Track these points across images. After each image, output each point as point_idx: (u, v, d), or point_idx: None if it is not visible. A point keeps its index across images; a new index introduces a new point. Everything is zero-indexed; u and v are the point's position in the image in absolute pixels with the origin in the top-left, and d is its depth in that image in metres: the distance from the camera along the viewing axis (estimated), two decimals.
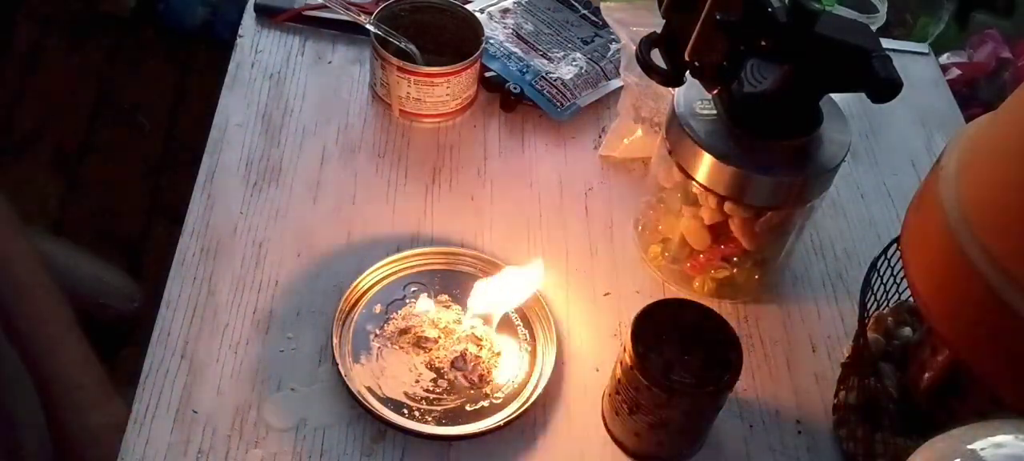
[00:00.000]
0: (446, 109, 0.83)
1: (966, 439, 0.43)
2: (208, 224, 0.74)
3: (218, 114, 0.82)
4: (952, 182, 0.53)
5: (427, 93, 0.81)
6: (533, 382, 0.67)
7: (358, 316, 0.69)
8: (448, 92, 0.81)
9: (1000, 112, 0.54)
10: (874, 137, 0.92)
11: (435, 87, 0.80)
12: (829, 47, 0.60)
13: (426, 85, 0.80)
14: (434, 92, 0.81)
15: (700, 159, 0.66)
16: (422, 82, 0.80)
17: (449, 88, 0.81)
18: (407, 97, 0.81)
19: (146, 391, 0.64)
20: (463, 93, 0.83)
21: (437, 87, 0.80)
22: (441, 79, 0.80)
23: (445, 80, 0.80)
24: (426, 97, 0.81)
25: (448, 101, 0.82)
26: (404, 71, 0.80)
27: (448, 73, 0.80)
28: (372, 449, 0.63)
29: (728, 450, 0.66)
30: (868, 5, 0.88)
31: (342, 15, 0.83)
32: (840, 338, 0.74)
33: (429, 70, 0.80)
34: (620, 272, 0.76)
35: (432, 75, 0.80)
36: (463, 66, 0.80)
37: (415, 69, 0.80)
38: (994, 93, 1.14)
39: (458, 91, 0.82)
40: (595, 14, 0.95)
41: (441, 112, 0.83)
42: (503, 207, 0.79)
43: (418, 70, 0.80)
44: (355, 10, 0.82)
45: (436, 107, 0.82)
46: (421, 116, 0.83)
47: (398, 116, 0.83)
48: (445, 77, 0.80)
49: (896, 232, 0.62)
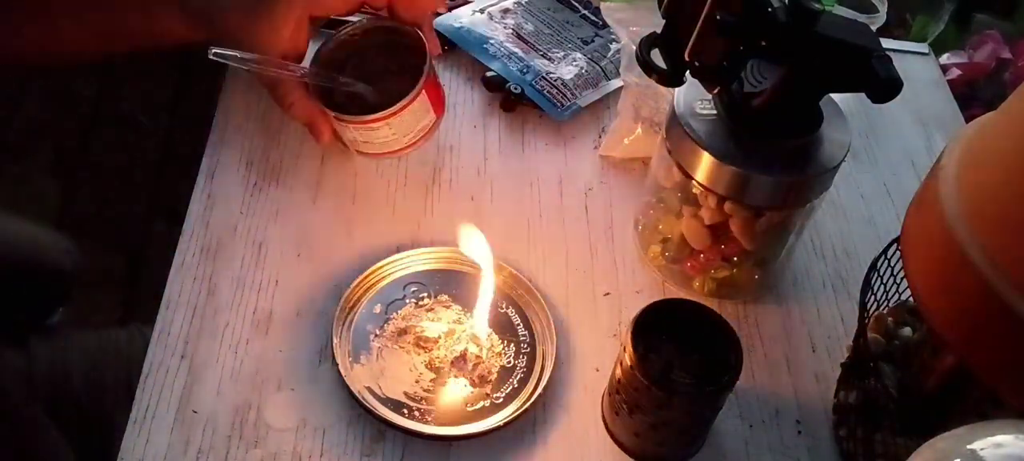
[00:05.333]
0: (399, 145, 0.74)
1: (966, 439, 0.43)
2: (208, 224, 0.74)
3: (218, 114, 0.82)
4: (952, 182, 0.53)
5: (371, 136, 0.73)
6: (533, 382, 0.67)
7: (358, 316, 0.69)
8: (393, 133, 0.73)
9: (1000, 112, 0.54)
10: (874, 137, 0.92)
11: (376, 131, 0.72)
12: (829, 47, 0.60)
13: (366, 130, 0.72)
14: (378, 135, 0.73)
15: (700, 159, 0.66)
16: (361, 128, 0.72)
17: (392, 129, 0.72)
18: (354, 141, 0.75)
19: (146, 391, 0.64)
20: (415, 127, 0.74)
21: (378, 130, 0.72)
22: (378, 123, 0.71)
23: (384, 123, 0.71)
24: (373, 139, 0.73)
25: (399, 138, 0.73)
26: (340, 120, 0.72)
27: (385, 116, 0.71)
28: (372, 449, 0.63)
29: (728, 450, 0.66)
30: (868, 5, 0.88)
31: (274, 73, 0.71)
32: (840, 338, 0.74)
33: (361, 119, 0.71)
34: (620, 272, 0.76)
35: (367, 122, 0.71)
36: (399, 107, 0.71)
37: (349, 118, 0.72)
38: (994, 93, 1.14)
39: (406, 128, 0.73)
40: (595, 14, 0.95)
41: (394, 149, 0.74)
42: (503, 207, 0.79)
43: (351, 119, 0.72)
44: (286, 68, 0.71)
45: (387, 146, 0.74)
46: (377, 155, 0.76)
47: (357, 155, 0.77)
48: (382, 121, 0.71)
49: (896, 232, 0.62)
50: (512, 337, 0.69)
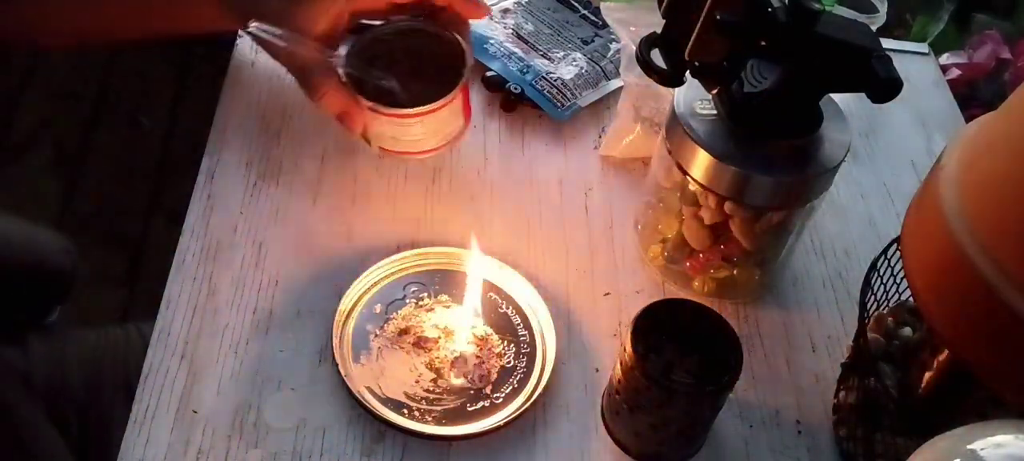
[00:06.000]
0: (426, 146, 0.75)
1: (966, 439, 0.43)
2: (208, 224, 0.74)
3: (218, 114, 0.82)
4: (952, 182, 0.53)
5: (402, 133, 0.73)
6: (533, 382, 0.67)
7: (358, 316, 0.69)
8: (423, 131, 0.73)
9: (1000, 112, 0.54)
10: (874, 137, 0.92)
11: (410, 127, 0.73)
12: (829, 47, 0.60)
13: (399, 125, 0.73)
14: (409, 132, 0.73)
15: (700, 159, 0.66)
16: (394, 122, 0.73)
17: (424, 127, 0.73)
18: (381, 135, 0.75)
19: (146, 391, 0.64)
20: (444, 129, 0.74)
21: (411, 127, 0.73)
22: (413, 119, 0.72)
23: (418, 120, 0.72)
24: (402, 136, 0.73)
25: (427, 138, 0.74)
26: (374, 111, 0.72)
27: (421, 113, 0.72)
28: (372, 449, 0.63)
29: (728, 450, 0.66)
30: (868, 5, 0.88)
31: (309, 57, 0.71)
32: (840, 338, 0.74)
33: (398, 111, 0.72)
34: (620, 272, 0.76)
35: (403, 116, 0.72)
36: (438, 105, 0.72)
37: (385, 110, 0.72)
38: (994, 93, 1.14)
39: (436, 128, 0.74)
40: (595, 14, 0.95)
41: (420, 149, 0.75)
42: (503, 207, 0.79)
43: (387, 111, 0.72)
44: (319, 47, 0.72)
45: (414, 145, 0.74)
46: (399, 154, 0.76)
47: (378, 153, 0.77)
48: (418, 117, 0.72)
49: (896, 232, 0.62)
50: (512, 337, 0.69)
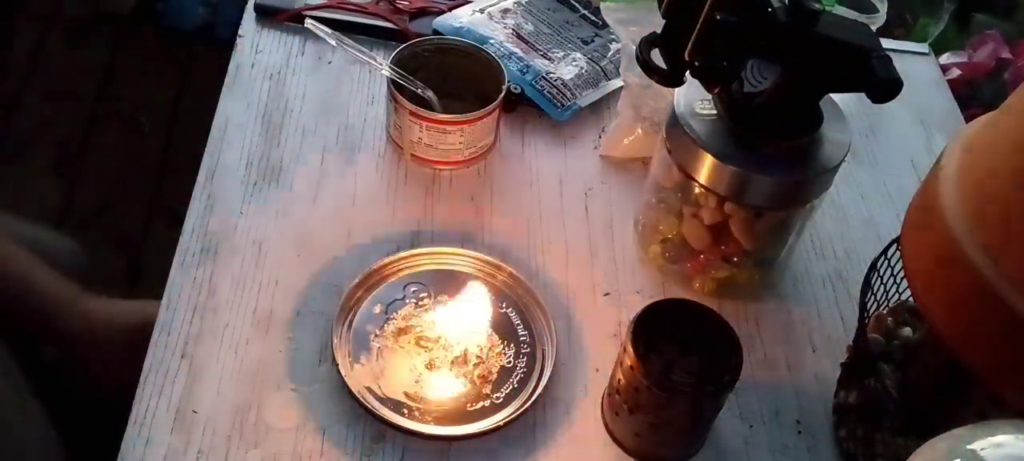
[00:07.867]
0: (459, 157, 0.79)
1: (966, 439, 0.43)
2: (208, 224, 0.74)
3: (218, 114, 0.82)
4: (952, 182, 0.53)
5: (439, 140, 0.78)
6: (533, 382, 0.67)
7: (358, 316, 0.69)
8: (461, 141, 0.78)
9: (1000, 112, 0.54)
10: (874, 137, 0.92)
11: (448, 134, 0.77)
12: (829, 47, 0.60)
13: (438, 132, 0.77)
14: (447, 139, 0.78)
15: (700, 159, 0.66)
16: (434, 129, 0.77)
17: (462, 137, 0.78)
18: (418, 142, 0.78)
19: (146, 391, 0.64)
20: (478, 142, 0.79)
21: (450, 135, 0.77)
22: (454, 127, 0.77)
23: (458, 129, 0.77)
24: (438, 144, 0.78)
25: (462, 149, 0.79)
26: (416, 116, 0.77)
27: (462, 122, 0.77)
28: (372, 449, 0.63)
29: (728, 450, 0.66)
30: (868, 5, 0.88)
31: (358, 58, 0.80)
32: (840, 338, 0.74)
33: (441, 117, 0.77)
34: (620, 272, 0.76)
35: (444, 122, 0.77)
36: (479, 115, 0.77)
37: (427, 115, 0.76)
38: (994, 93, 1.14)
39: (472, 140, 0.79)
40: (595, 14, 0.95)
41: (453, 160, 0.79)
42: (503, 207, 0.79)
43: (430, 116, 0.77)
44: (369, 55, 0.79)
45: (447, 155, 0.79)
46: (432, 163, 0.80)
47: (409, 160, 0.80)
48: (458, 125, 0.77)
49: (896, 232, 0.62)
50: (512, 337, 0.69)
